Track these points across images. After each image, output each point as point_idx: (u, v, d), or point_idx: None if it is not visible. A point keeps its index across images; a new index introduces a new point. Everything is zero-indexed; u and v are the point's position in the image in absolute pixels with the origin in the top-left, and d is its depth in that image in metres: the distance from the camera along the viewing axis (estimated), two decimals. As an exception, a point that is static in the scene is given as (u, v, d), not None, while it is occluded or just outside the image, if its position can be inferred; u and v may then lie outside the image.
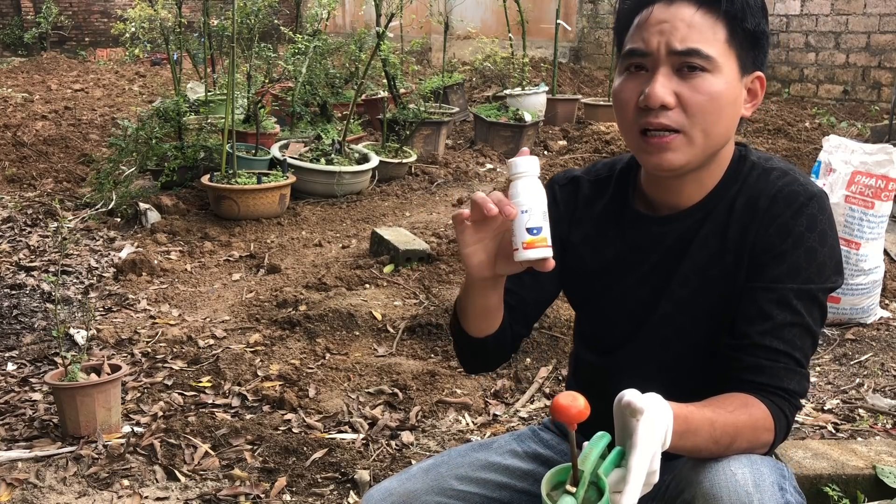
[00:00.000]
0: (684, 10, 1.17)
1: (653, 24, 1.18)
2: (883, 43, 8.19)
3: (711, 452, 1.11)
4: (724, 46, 1.17)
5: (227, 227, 4.99)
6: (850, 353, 3.14)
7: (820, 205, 1.21)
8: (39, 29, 13.44)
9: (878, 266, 3.29)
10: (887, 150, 3.27)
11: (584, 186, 1.41)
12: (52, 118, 7.81)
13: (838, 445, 2.28)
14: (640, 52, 1.19)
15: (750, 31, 1.19)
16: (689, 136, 1.18)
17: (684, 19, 1.17)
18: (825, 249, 1.19)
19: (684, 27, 1.16)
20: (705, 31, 1.16)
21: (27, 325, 3.55)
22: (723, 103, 1.18)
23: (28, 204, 5.43)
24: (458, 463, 1.42)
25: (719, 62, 1.17)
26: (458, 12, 10.68)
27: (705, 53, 1.16)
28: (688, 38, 1.16)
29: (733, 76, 1.19)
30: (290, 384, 2.97)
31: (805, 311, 1.19)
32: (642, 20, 1.20)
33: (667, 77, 1.17)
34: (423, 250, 4.07)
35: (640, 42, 1.19)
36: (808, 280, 1.19)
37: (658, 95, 1.16)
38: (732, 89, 1.19)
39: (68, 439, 2.60)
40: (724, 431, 1.11)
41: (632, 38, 1.22)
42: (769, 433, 1.16)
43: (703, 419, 1.09)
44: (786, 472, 1.20)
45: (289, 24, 9.09)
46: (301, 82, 6.56)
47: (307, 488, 2.36)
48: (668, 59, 1.17)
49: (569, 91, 9.26)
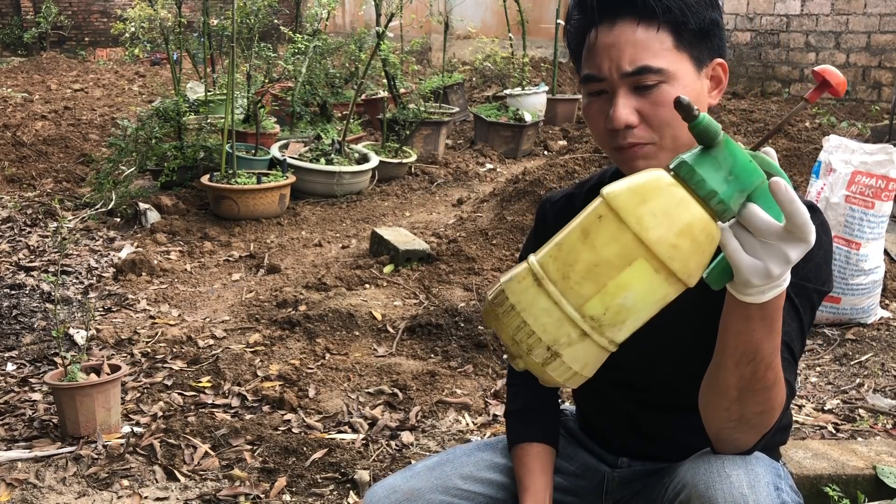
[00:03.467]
0: (626, 29, 1.17)
1: (601, 50, 1.18)
2: (883, 43, 8.19)
3: (754, 374, 1.03)
4: (673, 53, 1.17)
5: (227, 227, 4.99)
6: (851, 353, 3.14)
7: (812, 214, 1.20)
8: (39, 29, 13.44)
9: (878, 266, 3.29)
10: (887, 150, 3.27)
11: (578, 200, 1.42)
12: (52, 118, 7.81)
13: (838, 445, 2.28)
14: (595, 78, 1.20)
15: (697, 30, 1.18)
16: (660, 145, 1.19)
17: (628, 39, 1.16)
18: (821, 252, 1.19)
19: (630, 47, 1.16)
20: (651, 45, 1.16)
21: (27, 325, 3.55)
22: None
23: (28, 204, 5.43)
24: (463, 462, 1.41)
25: (671, 70, 1.17)
26: (458, 12, 10.67)
27: (656, 68, 1.16)
28: (636, 58, 1.16)
29: (690, 77, 1.19)
30: (290, 384, 2.97)
31: (801, 309, 1.18)
32: (590, 45, 1.21)
33: (626, 97, 1.17)
34: (423, 250, 4.07)
35: (594, 67, 1.20)
36: (805, 278, 1.18)
37: (620, 118, 1.16)
38: (692, 90, 1.19)
39: (68, 439, 2.59)
40: (777, 366, 1.05)
41: (585, 62, 1.22)
42: (779, 413, 1.10)
43: (779, 338, 1.03)
44: (782, 472, 1.20)
45: (289, 24, 9.08)
46: (301, 82, 6.56)
47: (307, 488, 2.36)
48: (623, 80, 1.17)
49: (569, 91, 9.25)
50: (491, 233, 4.29)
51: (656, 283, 0.88)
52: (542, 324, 0.89)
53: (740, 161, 0.88)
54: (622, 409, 1.39)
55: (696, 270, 0.89)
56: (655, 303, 0.90)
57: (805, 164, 4.85)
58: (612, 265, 0.87)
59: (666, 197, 0.88)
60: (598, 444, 1.47)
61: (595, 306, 0.88)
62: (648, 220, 0.86)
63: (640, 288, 0.88)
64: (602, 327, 0.89)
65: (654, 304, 0.90)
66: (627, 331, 0.91)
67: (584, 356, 0.90)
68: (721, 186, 0.88)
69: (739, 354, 1.03)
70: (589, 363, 0.91)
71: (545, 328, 0.89)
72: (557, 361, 0.89)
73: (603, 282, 0.87)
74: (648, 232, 0.86)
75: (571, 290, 0.88)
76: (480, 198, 5.23)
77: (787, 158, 5.04)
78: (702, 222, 0.88)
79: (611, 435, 1.44)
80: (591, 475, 1.44)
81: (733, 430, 1.11)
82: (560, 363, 0.89)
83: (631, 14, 1.16)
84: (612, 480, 1.42)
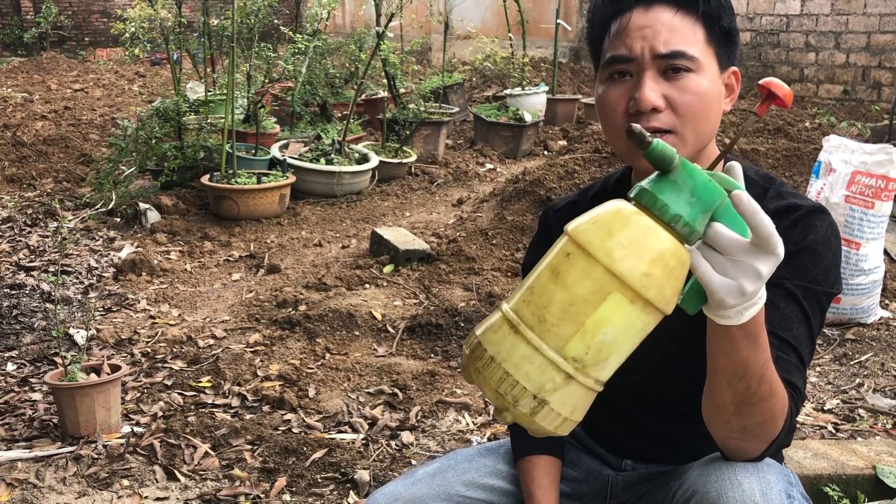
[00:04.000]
0: (663, 13, 1.18)
1: (634, 30, 1.18)
2: (883, 43, 8.19)
3: (747, 389, 1.03)
4: (704, 46, 1.18)
5: (227, 227, 4.99)
6: (850, 353, 3.14)
7: (820, 217, 1.20)
8: (39, 29, 13.44)
9: (878, 266, 3.29)
10: (887, 150, 3.27)
11: (581, 207, 1.39)
12: (52, 118, 7.81)
13: (838, 445, 2.28)
14: (623, 59, 1.19)
15: (725, 29, 1.21)
16: (681, 136, 1.18)
17: (665, 23, 1.17)
18: (830, 255, 1.18)
19: (666, 30, 1.17)
20: (686, 33, 1.17)
21: (27, 325, 3.55)
22: (709, 101, 1.19)
23: (28, 204, 5.43)
24: (465, 468, 1.40)
25: (702, 61, 1.18)
26: (458, 12, 10.67)
27: (689, 54, 1.16)
28: (671, 41, 1.16)
29: (715, 74, 1.20)
30: (290, 384, 2.97)
31: (810, 312, 1.17)
32: (622, 26, 1.20)
33: (654, 80, 1.17)
34: (423, 250, 4.07)
35: (623, 48, 1.19)
36: (814, 281, 1.17)
37: (649, 99, 1.15)
38: (716, 86, 1.20)
39: (68, 439, 2.59)
40: (771, 377, 1.04)
41: (612, 45, 1.21)
42: (782, 420, 1.09)
43: (768, 349, 1.03)
44: (793, 479, 1.18)
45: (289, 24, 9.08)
46: (301, 82, 6.56)
47: (307, 488, 2.36)
48: (654, 62, 1.17)
49: (569, 91, 9.26)
50: (491, 233, 4.29)
51: (634, 315, 0.87)
52: (525, 372, 0.86)
53: (700, 181, 0.88)
54: (627, 412, 1.38)
55: (672, 297, 0.88)
56: (636, 334, 0.89)
57: (805, 164, 4.85)
58: (587, 302, 0.85)
59: (632, 226, 0.87)
60: (601, 445, 1.45)
61: (576, 346, 0.86)
62: (617, 251, 0.85)
63: (618, 321, 0.86)
64: (586, 367, 0.87)
65: (635, 336, 0.89)
66: (611, 368, 0.90)
67: (572, 400, 0.88)
68: (684, 209, 0.87)
69: (730, 373, 1.02)
70: (577, 407, 0.90)
71: (528, 376, 0.86)
72: (546, 409, 0.87)
73: (581, 320, 0.86)
74: (619, 264, 0.85)
75: (550, 332, 0.86)
76: (480, 198, 5.23)
77: (787, 158, 5.03)
78: (671, 248, 0.87)
79: (615, 437, 1.43)
80: (595, 479, 1.43)
81: (738, 440, 1.10)
82: (549, 411, 0.87)
83: (670, 0, 1.18)
84: (616, 484, 1.41)
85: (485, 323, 0.93)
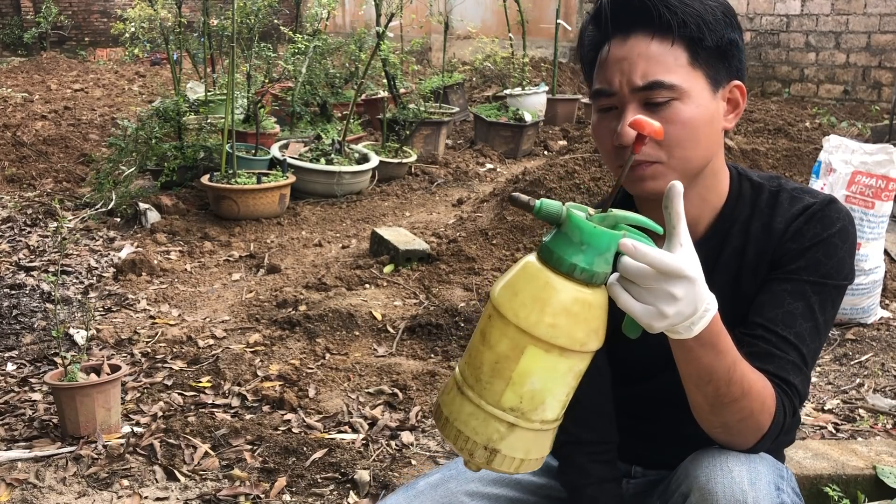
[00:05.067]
0: (640, 42, 1.15)
1: (612, 63, 1.17)
2: (883, 43, 8.19)
3: (716, 393, 1.06)
4: (687, 70, 1.15)
5: (227, 227, 4.99)
6: (851, 353, 3.14)
7: (835, 208, 1.20)
8: (39, 29, 13.44)
9: (878, 266, 3.29)
10: (887, 150, 3.27)
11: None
12: (52, 118, 7.81)
13: (838, 445, 2.28)
14: (605, 93, 1.18)
15: (713, 48, 1.16)
16: (668, 165, 1.17)
17: (641, 53, 1.14)
18: (846, 246, 1.18)
19: (643, 61, 1.14)
20: (665, 60, 1.14)
21: (27, 325, 3.55)
22: (697, 126, 1.16)
23: (28, 204, 5.43)
24: (467, 477, 1.37)
25: (685, 87, 1.14)
26: (458, 12, 10.68)
27: (668, 83, 1.13)
28: (648, 72, 1.14)
29: (704, 96, 1.16)
30: (290, 384, 2.97)
31: (819, 308, 1.16)
32: (602, 59, 1.19)
33: (635, 113, 1.14)
34: (423, 250, 4.07)
35: (605, 82, 1.18)
36: (826, 275, 1.17)
37: (628, 134, 1.14)
38: (706, 110, 1.17)
39: (68, 439, 2.59)
40: (741, 379, 1.06)
41: (596, 77, 1.21)
42: (769, 417, 1.10)
43: (733, 351, 1.05)
44: (785, 474, 1.19)
45: (289, 24, 9.08)
46: (301, 82, 6.56)
47: (307, 488, 2.36)
48: (633, 95, 1.15)
49: (569, 91, 9.25)
50: (491, 233, 4.29)
51: (553, 361, 0.93)
52: (473, 427, 0.95)
53: (586, 230, 0.93)
54: (633, 414, 1.38)
55: (588, 337, 0.94)
56: (564, 376, 0.95)
57: (805, 164, 4.85)
58: (509, 358, 0.93)
59: (533, 283, 0.94)
60: None
61: (510, 398, 0.94)
62: (522, 310, 0.93)
63: (540, 371, 0.93)
64: (525, 414, 0.94)
65: (565, 377, 0.95)
66: (553, 407, 0.96)
67: (523, 444, 0.96)
68: (578, 258, 0.92)
69: (696, 379, 1.05)
70: (531, 448, 0.97)
71: (476, 431, 0.95)
72: (499, 456, 0.95)
73: (508, 375, 0.93)
74: (525, 321, 0.92)
75: (486, 389, 0.95)
76: (480, 198, 5.23)
77: (787, 158, 5.04)
78: (572, 296, 0.92)
79: (623, 443, 1.42)
80: None
81: (723, 434, 1.13)
82: (502, 457, 0.95)
83: (646, 28, 1.14)
84: (626, 491, 1.41)
85: (442, 386, 1.03)
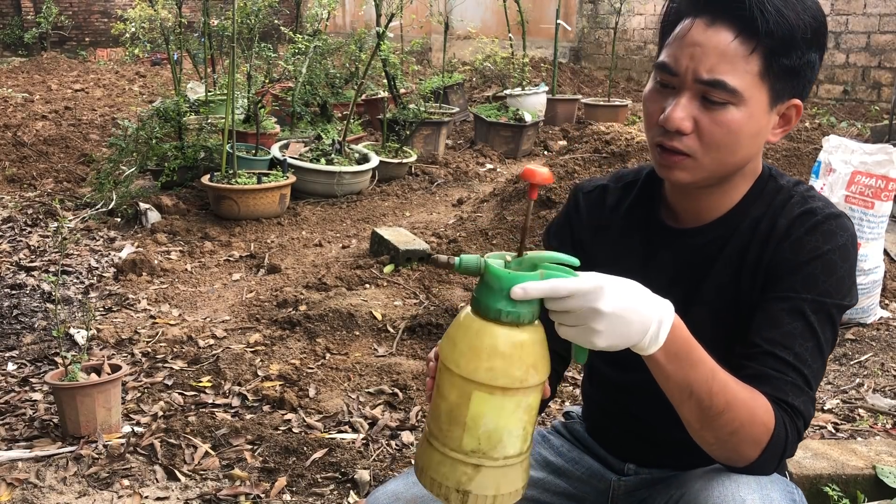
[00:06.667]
0: (721, 35, 1.11)
1: (687, 45, 1.14)
2: (883, 43, 8.19)
3: (700, 406, 1.05)
4: (754, 79, 1.12)
5: (227, 227, 4.99)
6: (850, 353, 3.14)
7: (840, 224, 1.17)
8: (39, 29, 13.45)
9: (878, 266, 3.29)
10: (887, 150, 3.28)
11: (610, 193, 1.40)
12: (52, 118, 7.81)
13: (838, 445, 2.28)
14: (668, 71, 1.16)
15: (788, 66, 1.12)
16: (699, 162, 1.16)
17: (718, 47, 1.11)
18: (845, 266, 1.16)
19: (715, 56, 1.11)
20: (737, 62, 1.11)
21: (27, 325, 3.55)
22: (741, 136, 1.14)
23: (28, 204, 5.43)
24: None
25: (745, 95, 1.12)
26: (458, 12, 10.68)
27: (731, 87, 1.11)
28: (716, 69, 1.11)
29: (760, 108, 1.14)
30: (290, 384, 2.97)
31: (819, 327, 1.14)
32: (680, 34, 1.16)
33: (689, 101, 1.14)
34: (423, 250, 4.07)
35: (672, 59, 1.16)
36: (825, 293, 1.14)
37: (675, 121, 1.13)
38: (756, 122, 1.14)
39: (68, 439, 2.59)
40: (722, 391, 1.04)
41: (666, 49, 1.18)
42: (766, 431, 1.08)
43: (709, 362, 1.04)
44: (797, 496, 1.16)
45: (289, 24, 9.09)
46: (301, 82, 6.56)
47: (307, 488, 2.36)
48: (694, 85, 1.13)
49: (569, 91, 9.26)
50: (491, 233, 4.29)
51: (499, 402, 0.99)
52: (443, 473, 1.03)
53: (503, 277, 0.99)
54: (629, 412, 1.38)
55: (526, 373, 0.99)
56: (514, 412, 1.01)
57: (805, 164, 4.85)
58: (460, 405, 1.01)
59: (468, 333, 1.01)
60: (604, 447, 1.45)
61: (469, 442, 1.01)
62: (461, 359, 1.00)
63: (490, 412, 1.00)
64: (486, 454, 1.01)
65: (515, 413, 1.01)
66: (512, 443, 1.02)
67: (492, 480, 1.02)
68: (501, 303, 0.99)
69: (677, 392, 1.06)
70: (501, 483, 1.03)
71: (446, 476, 1.03)
72: (472, 496, 1.02)
73: (462, 421, 1.01)
74: (465, 368, 0.99)
75: (447, 437, 1.02)
76: (480, 198, 5.23)
77: (786, 158, 5.04)
78: (501, 338, 0.99)
79: (617, 439, 1.42)
80: (597, 482, 1.42)
81: (719, 450, 1.10)
82: (475, 497, 1.02)
83: (733, 22, 1.11)
84: (619, 488, 1.40)
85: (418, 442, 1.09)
